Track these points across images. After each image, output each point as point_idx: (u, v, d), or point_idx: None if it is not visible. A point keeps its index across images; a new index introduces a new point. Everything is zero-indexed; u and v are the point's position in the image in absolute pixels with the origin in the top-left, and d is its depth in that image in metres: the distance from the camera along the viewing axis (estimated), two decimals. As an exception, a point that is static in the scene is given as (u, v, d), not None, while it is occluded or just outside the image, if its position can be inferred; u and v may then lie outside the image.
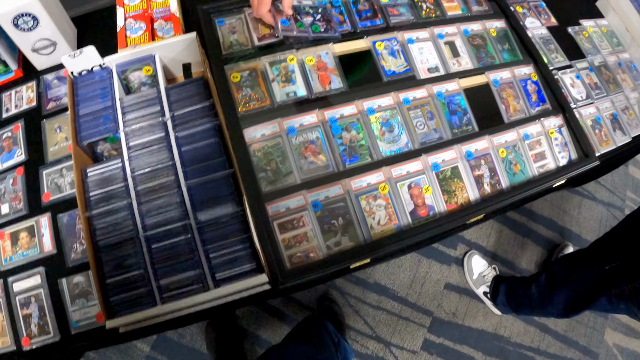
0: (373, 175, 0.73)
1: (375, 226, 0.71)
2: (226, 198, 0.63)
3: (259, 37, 0.82)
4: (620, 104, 1.05)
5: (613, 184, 1.96)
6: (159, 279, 0.59)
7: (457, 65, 0.88)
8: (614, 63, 1.11)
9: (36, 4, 0.74)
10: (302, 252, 0.66)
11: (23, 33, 0.80)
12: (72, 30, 0.92)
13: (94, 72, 0.77)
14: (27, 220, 0.76)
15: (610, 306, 1.05)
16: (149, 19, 0.87)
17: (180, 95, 0.71)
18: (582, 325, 1.70)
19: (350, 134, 0.76)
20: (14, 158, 0.83)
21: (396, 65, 0.84)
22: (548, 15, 1.11)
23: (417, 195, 0.74)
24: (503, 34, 0.96)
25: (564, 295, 1.18)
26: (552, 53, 1.03)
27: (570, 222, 1.84)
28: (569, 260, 1.29)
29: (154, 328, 0.75)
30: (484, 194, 0.79)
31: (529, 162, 0.84)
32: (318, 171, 0.72)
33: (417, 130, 0.79)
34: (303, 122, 0.74)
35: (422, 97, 0.82)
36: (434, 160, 0.77)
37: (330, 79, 0.79)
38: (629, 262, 1.06)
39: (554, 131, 0.88)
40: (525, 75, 0.92)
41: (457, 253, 1.68)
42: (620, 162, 1.45)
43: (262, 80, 0.78)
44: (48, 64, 0.89)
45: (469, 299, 1.64)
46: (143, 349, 1.39)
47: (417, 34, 0.88)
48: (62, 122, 0.84)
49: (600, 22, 1.17)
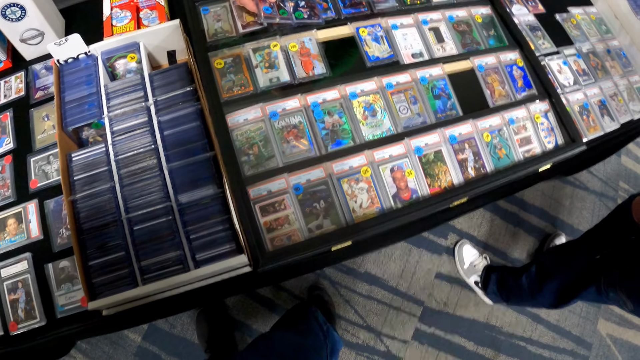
0: (355, 158, 0.73)
1: (357, 209, 0.71)
2: (207, 180, 0.63)
3: (243, 24, 0.83)
4: (608, 90, 1.05)
5: (606, 174, 1.96)
6: (140, 261, 0.60)
7: (442, 51, 0.89)
8: (603, 50, 1.11)
9: (23, -7, 0.75)
10: (283, 235, 0.67)
11: (11, 23, 0.81)
12: (60, 21, 0.92)
13: (80, 60, 0.77)
14: (15, 207, 0.77)
15: (598, 296, 1.05)
16: (135, 8, 0.88)
17: (163, 81, 0.72)
18: (575, 315, 1.71)
19: (332, 118, 0.76)
20: (2, 146, 0.84)
21: (380, 51, 0.84)
22: (535, 3, 1.11)
23: (399, 179, 0.75)
24: (489, 20, 0.97)
25: (554, 285, 1.19)
26: (539, 39, 1.03)
27: (562, 212, 1.84)
28: (559, 251, 1.29)
29: (141, 316, 0.76)
30: (468, 177, 0.79)
31: (514, 146, 0.85)
32: (300, 155, 0.72)
33: (400, 114, 0.80)
34: (286, 106, 0.75)
35: (406, 81, 0.82)
36: (417, 144, 0.77)
37: (313, 65, 0.80)
38: (617, 250, 1.07)
39: (540, 116, 0.89)
40: (511, 60, 0.93)
41: (447, 242, 1.69)
42: (611, 151, 1.45)
43: (245, 66, 0.78)
44: (36, 54, 0.90)
45: (460, 288, 1.64)
46: (135, 339, 1.40)
47: (401, 20, 0.88)
48: (49, 110, 0.84)
49: (589, 10, 1.17)
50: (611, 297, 1.03)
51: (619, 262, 1.03)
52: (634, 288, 0.96)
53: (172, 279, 0.58)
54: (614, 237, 1.13)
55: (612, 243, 1.13)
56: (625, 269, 1.00)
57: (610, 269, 1.05)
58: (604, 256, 1.11)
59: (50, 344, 0.70)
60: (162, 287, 0.58)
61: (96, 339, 1.37)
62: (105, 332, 1.00)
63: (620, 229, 1.11)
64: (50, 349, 1.00)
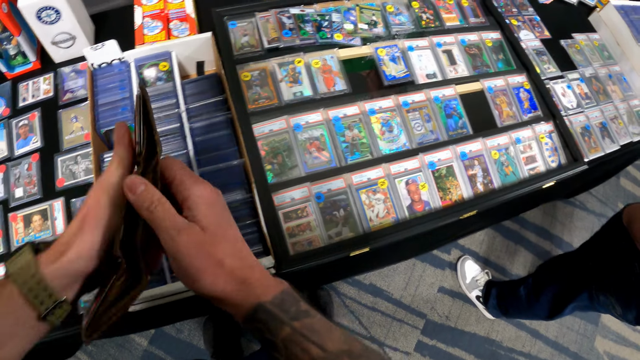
0: (373, 171, 0.77)
1: (374, 218, 0.75)
2: (236, 185, 0.67)
3: (269, 40, 0.87)
4: (609, 113, 1.10)
5: (605, 195, 2.01)
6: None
7: (454, 73, 0.94)
8: (605, 75, 1.16)
9: (60, -3, 0.78)
10: (304, 240, 0.70)
11: (45, 26, 0.83)
12: (91, 27, 0.96)
13: (113, 65, 0.81)
14: (40, 204, 0.79)
15: (590, 302, 1.09)
16: (165, 18, 0.92)
17: (194, 90, 0.76)
18: (573, 332, 1.74)
19: (352, 132, 0.80)
20: (29, 145, 0.86)
21: (396, 71, 0.89)
22: (542, 29, 1.17)
23: (414, 191, 0.79)
24: (498, 44, 1.02)
25: (550, 294, 1.22)
26: (544, 64, 1.09)
27: (562, 231, 1.88)
28: (555, 261, 1.33)
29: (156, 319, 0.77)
30: (477, 192, 0.83)
31: (520, 164, 0.89)
32: (321, 165, 0.76)
33: (415, 131, 0.84)
34: (308, 119, 0.79)
35: (420, 100, 0.87)
36: (430, 159, 0.82)
37: (334, 81, 0.84)
38: (609, 257, 1.10)
39: (545, 136, 0.93)
40: (518, 83, 0.98)
41: (450, 258, 1.72)
42: (611, 173, 1.50)
43: (270, 80, 0.82)
44: (65, 57, 0.93)
45: (462, 302, 1.67)
46: (141, 343, 1.41)
47: (417, 42, 0.93)
48: (78, 112, 0.88)
49: (592, 36, 1.23)
50: (602, 302, 1.06)
51: (610, 268, 1.07)
52: (622, 292, 0.99)
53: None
54: (607, 245, 1.16)
55: (604, 251, 1.16)
56: (615, 274, 1.03)
57: (601, 275, 1.08)
58: (596, 263, 1.15)
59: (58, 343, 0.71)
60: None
61: (102, 341, 1.38)
62: (116, 334, 1.01)
63: (613, 236, 1.14)
64: (56, 349, 1.01)
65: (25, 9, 0.78)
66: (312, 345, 0.33)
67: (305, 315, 0.35)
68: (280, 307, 0.35)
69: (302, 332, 0.34)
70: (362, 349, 0.35)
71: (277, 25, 0.87)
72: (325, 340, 0.34)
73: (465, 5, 1.05)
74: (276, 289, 0.36)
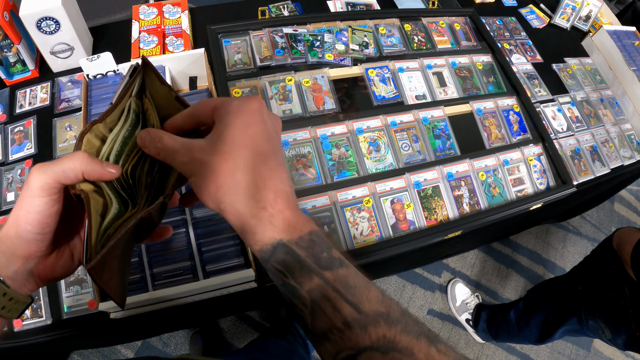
0: (358, 189, 0.78)
1: (358, 236, 0.75)
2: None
3: (261, 58, 0.89)
4: (600, 137, 1.10)
5: (599, 220, 2.00)
6: (153, 268, 0.63)
7: (444, 94, 0.95)
8: (596, 99, 1.17)
9: (60, 9, 0.81)
10: (286, 256, 0.70)
11: (45, 35, 0.86)
12: (89, 39, 0.99)
13: (108, 77, 0.83)
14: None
15: (580, 326, 1.08)
16: (162, 34, 0.95)
17: (185, 104, 0.77)
18: (565, 357, 1.71)
19: (339, 150, 0.81)
20: (23, 151, 0.88)
21: (386, 91, 0.91)
22: (534, 53, 1.19)
23: (399, 210, 0.79)
24: (489, 67, 1.04)
25: (540, 318, 1.21)
26: (535, 87, 1.10)
27: (555, 255, 1.87)
28: (546, 285, 1.32)
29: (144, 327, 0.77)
30: (463, 212, 0.83)
31: (507, 186, 0.90)
32: (307, 182, 0.77)
33: (402, 151, 0.85)
34: (296, 137, 0.80)
35: (409, 121, 0.88)
36: (417, 179, 0.82)
37: (324, 100, 0.86)
38: (598, 280, 1.10)
39: (533, 159, 0.94)
40: (508, 106, 0.99)
41: (441, 280, 1.71)
42: (604, 197, 1.50)
43: (261, 97, 0.84)
44: (63, 67, 0.95)
45: (451, 325, 1.65)
46: (127, 355, 1.39)
47: (407, 64, 0.95)
48: (72, 121, 0.89)
49: (585, 61, 1.25)
50: (591, 326, 1.05)
51: (599, 292, 1.06)
52: (612, 316, 0.98)
53: (182, 286, 0.61)
54: (597, 269, 1.16)
55: (594, 275, 1.15)
56: (604, 298, 1.02)
57: (590, 299, 1.07)
58: (585, 287, 1.14)
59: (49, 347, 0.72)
60: (172, 294, 0.61)
61: (89, 351, 1.37)
62: (105, 342, 1.00)
63: (603, 260, 1.13)
64: (46, 356, 1.00)
65: (26, 18, 0.80)
66: (345, 304, 0.28)
67: (339, 264, 0.30)
68: (308, 251, 0.29)
69: (335, 287, 0.28)
70: (400, 314, 0.29)
71: (270, 44, 0.89)
72: (362, 300, 0.28)
73: (457, 28, 1.07)
74: (304, 227, 0.30)
